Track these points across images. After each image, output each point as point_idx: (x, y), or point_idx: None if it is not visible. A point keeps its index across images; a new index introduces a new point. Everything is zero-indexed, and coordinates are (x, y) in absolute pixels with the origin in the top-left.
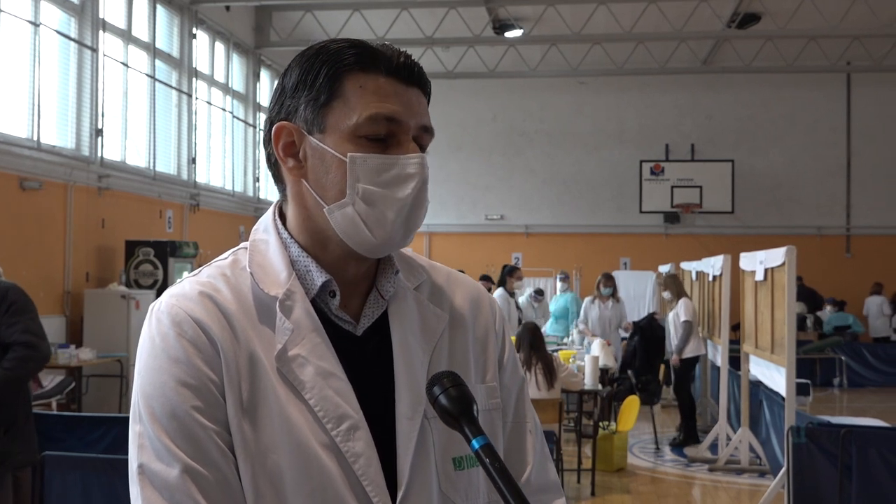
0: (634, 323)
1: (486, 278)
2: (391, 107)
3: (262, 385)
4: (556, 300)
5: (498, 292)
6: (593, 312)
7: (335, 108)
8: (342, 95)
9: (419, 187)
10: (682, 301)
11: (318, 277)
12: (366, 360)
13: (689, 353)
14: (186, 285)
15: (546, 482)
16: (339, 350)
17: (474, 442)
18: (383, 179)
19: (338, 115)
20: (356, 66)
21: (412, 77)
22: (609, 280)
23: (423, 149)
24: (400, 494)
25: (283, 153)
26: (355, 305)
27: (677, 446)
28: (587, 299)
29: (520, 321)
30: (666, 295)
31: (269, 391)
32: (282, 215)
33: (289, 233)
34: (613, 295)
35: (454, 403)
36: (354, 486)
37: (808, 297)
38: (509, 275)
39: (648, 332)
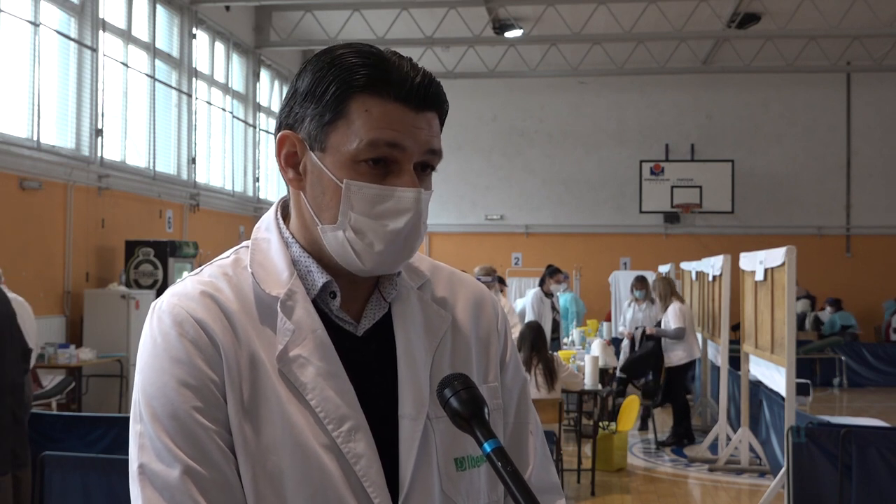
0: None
1: (499, 280)
2: (393, 133)
3: (262, 385)
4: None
5: (532, 292)
6: (629, 315)
7: (339, 128)
8: (347, 117)
9: (412, 221)
10: (671, 308)
11: (319, 278)
12: (367, 360)
13: (681, 359)
14: (188, 284)
15: (547, 483)
16: (340, 351)
17: (486, 445)
18: (377, 211)
19: (340, 136)
20: (365, 88)
21: (425, 102)
22: (641, 283)
23: (431, 169)
24: (402, 496)
25: (284, 163)
26: (357, 306)
27: (667, 446)
28: (624, 303)
29: (555, 322)
30: (640, 299)
31: (269, 392)
32: (285, 213)
33: (290, 233)
34: (647, 297)
35: (465, 406)
36: (355, 487)
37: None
38: (550, 276)
39: (641, 355)
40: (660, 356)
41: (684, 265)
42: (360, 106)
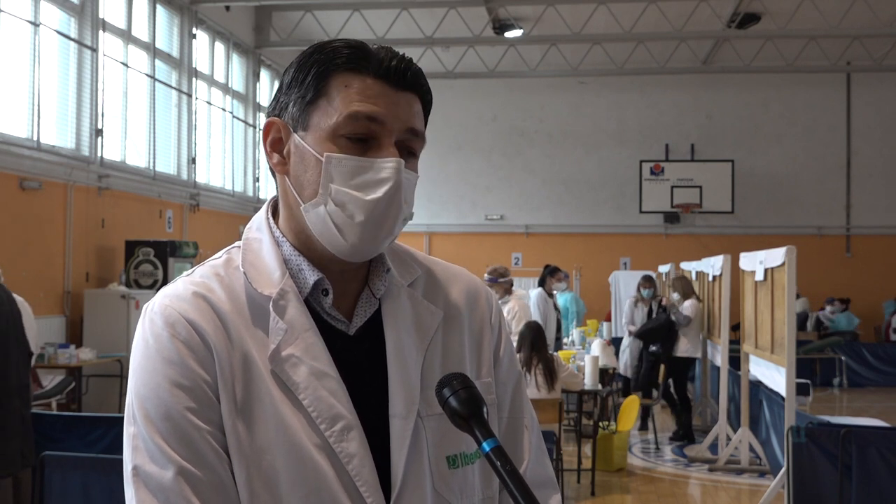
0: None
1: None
2: (372, 106)
3: (255, 386)
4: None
5: (536, 292)
6: (637, 314)
7: (320, 106)
8: (327, 94)
9: (392, 192)
10: (688, 302)
11: (311, 276)
12: (359, 359)
13: (684, 352)
14: (180, 285)
15: (542, 477)
16: (332, 350)
17: (485, 445)
18: (356, 182)
19: (321, 113)
20: (345, 65)
21: (403, 81)
22: (648, 282)
23: (414, 154)
24: (394, 494)
25: (270, 149)
26: (348, 304)
27: (676, 440)
28: (629, 301)
29: (557, 322)
30: (674, 296)
31: (262, 392)
32: (275, 213)
33: (281, 231)
34: (654, 297)
35: (464, 406)
36: (348, 487)
37: None
38: (550, 275)
39: (655, 325)
40: (672, 328)
41: (684, 265)
42: (339, 82)
